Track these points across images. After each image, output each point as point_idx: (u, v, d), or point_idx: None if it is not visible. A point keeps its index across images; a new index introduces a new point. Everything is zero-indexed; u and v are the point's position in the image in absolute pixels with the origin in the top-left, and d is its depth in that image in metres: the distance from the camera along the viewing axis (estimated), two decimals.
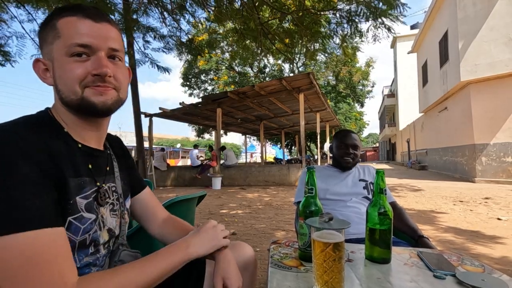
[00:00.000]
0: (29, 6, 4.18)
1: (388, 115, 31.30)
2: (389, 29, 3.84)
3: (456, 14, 9.11)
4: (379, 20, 3.70)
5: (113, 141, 0.83)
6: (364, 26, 3.94)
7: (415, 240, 1.19)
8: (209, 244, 0.70)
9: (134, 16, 4.96)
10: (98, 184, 0.66)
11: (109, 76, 0.61)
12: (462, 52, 8.89)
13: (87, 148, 0.66)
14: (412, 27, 24.84)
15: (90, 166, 0.65)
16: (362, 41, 4.51)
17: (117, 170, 0.77)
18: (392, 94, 28.52)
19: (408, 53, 17.52)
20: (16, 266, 0.45)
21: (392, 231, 0.83)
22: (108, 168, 0.73)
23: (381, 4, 3.48)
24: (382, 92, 34.71)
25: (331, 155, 1.64)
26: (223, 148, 9.82)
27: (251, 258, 0.86)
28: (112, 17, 4.83)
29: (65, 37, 0.58)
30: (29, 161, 0.50)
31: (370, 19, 3.65)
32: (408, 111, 22.37)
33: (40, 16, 4.57)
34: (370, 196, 1.43)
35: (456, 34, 9.21)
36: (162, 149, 11.46)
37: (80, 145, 0.64)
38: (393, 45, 26.12)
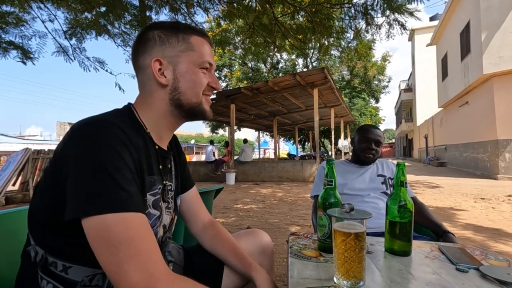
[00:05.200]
0: (50, 5, 4.32)
1: (405, 110, 30.42)
2: (403, 26, 3.76)
3: (479, 4, 8.71)
4: (393, 16, 3.63)
5: (172, 139, 0.84)
6: (378, 21, 3.87)
7: (439, 235, 1.17)
8: None
9: (147, 13, 5.01)
10: (165, 182, 0.72)
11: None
12: (485, 43, 8.52)
13: (162, 150, 0.73)
14: (432, 19, 23.87)
15: (161, 167, 0.71)
16: (375, 39, 4.49)
17: (174, 168, 0.81)
18: (410, 89, 27.66)
19: (427, 45, 16.94)
20: (118, 240, 0.49)
21: (413, 224, 0.83)
22: (169, 166, 0.78)
23: None
24: (399, 86, 33.75)
25: (345, 151, 1.61)
26: (245, 140, 10.48)
27: (268, 243, 0.91)
28: (127, 15, 4.94)
29: (199, 53, 0.69)
30: (126, 150, 0.56)
31: (387, 11, 3.56)
32: (426, 106, 21.66)
33: (60, 15, 4.69)
34: (389, 191, 1.41)
35: (478, 25, 8.82)
36: None
37: (157, 147, 0.70)
38: (411, 38, 25.25)
